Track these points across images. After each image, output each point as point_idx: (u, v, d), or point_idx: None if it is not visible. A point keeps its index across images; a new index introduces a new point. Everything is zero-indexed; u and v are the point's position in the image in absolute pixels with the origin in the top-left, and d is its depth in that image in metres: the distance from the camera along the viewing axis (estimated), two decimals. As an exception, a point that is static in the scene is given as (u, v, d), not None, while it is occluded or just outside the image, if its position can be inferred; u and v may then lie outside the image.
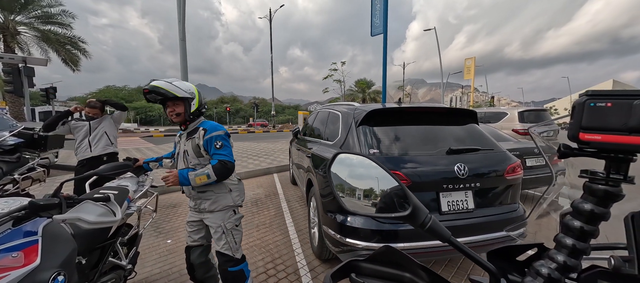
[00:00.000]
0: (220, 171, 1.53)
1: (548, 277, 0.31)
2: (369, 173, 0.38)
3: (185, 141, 1.64)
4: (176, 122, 1.59)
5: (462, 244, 0.34)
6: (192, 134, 1.62)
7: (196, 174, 1.51)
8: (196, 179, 1.51)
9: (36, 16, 13.94)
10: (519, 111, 6.81)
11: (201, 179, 1.50)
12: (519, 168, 2.16)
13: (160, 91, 1.46)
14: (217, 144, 1.56)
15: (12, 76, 7.45)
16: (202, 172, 1.52)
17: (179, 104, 1.55)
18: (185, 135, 1.65)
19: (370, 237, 1.86)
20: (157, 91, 1.46)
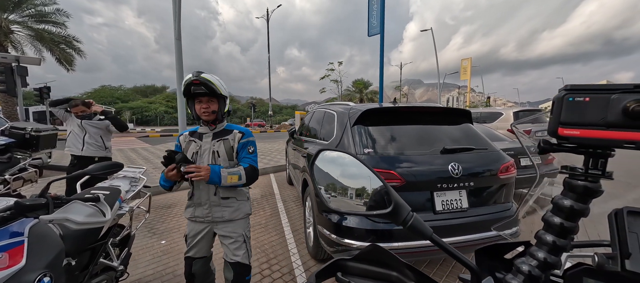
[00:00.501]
0: (250, 175, 1.48)
1: (528, 274, 0.31)
2: (352, 170, 0.38)
3: (212, 141, 1.52)
4: (206, 119, 1.48)
5: (443, 242, 0.34)
6: (222, 135, 1.53)
7: (229, 172, 1.41)
8: (228, 177, 1.40)
9: (30, 15, 13.77)
10: (514, 111, 6.87)
11: (232, 179, 1.41)
12: (512, 168, 2.18)
13: (209, 85, 1.38)
14: (250, 149, 1.54)
15: (4, 76, 7.34)
16: (235, 171, 1.43)
17: (214, 101, 1.47)
18: (210, 135, 1.53)
19: (365, 237, 1.86)
20: (207, 84, 1.37)
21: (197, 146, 1.51)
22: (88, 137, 3.07)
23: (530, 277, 0.31)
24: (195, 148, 1.51)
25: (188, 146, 1.53)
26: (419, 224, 0.34)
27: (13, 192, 2.83)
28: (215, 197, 1.51)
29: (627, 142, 0.24)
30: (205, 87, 1.38)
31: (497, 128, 5.77)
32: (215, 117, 1.49)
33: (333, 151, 0.40)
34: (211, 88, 1.39)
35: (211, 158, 1.49)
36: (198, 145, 1.51)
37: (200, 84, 1.37)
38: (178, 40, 5.32)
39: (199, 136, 1.54)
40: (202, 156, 1.50)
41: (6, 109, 12.59)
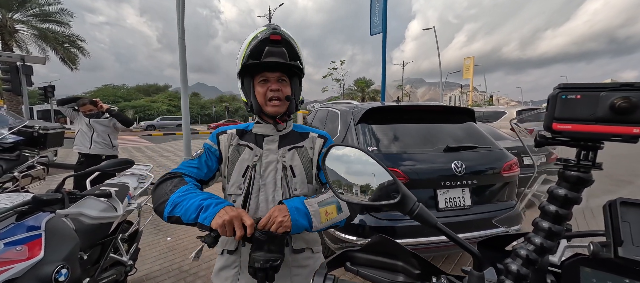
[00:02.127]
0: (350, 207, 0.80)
1: (526, 257, 0.33)
2: (361, 164, 0.40)
3: (281, 149, 0.92)
4: (273, 112, 0.88)
5: (448, 230, 0.37)
6: (295, 141, 0.94)
7: (321, 202, 0.77)
8: (322, 212, 0.76)
9: (34, 14, 13.91)
10: (517, 110, 6.86)
11: (329, 214, 0.76)
12: (515, 166, 2.19)
13: (292, 45, 0.84)
14: None
15: (10, 75, 7.43)
16: (329, 201, 0.78)
17: (287, 82, 0.90)
18: (275, 139, 0.92)
19: (369, 233, 1.89)
20: (289, 43, 0.84)
21: (254, 156, 0.90)
22: (96, 135, 3.13)
23: (528, 260, 0.33)
24: (252, 159, 0.90)
25: (236, 155, 0.91)
26: (425, 213, 0.36)
27: (22, 189, 2.88)
28: (285, 248, 0.80)
29: (614, 135, 0.27)
30: (287, 50, 0.84)
31: (500, 127, 5.77)
32: (287, 109, 0.90)
33: (343, 146, 0.43)
34: (294, 52, 0.85)
35: (281, 177, 0.89)
36: (255, 155, 0.90)
37: (281, 43, 0.83)
38: (182, 39, 5.35)
39: (256, 139, 0.93)
40: (264, 173, 0.89)
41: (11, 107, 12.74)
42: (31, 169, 3.14)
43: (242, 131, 0.96)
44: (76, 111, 3.18)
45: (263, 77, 0.87)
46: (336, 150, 0.42)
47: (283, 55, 0.84)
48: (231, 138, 0.94)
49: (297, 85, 0.93)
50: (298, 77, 0.94)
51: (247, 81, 0.90)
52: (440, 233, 0.37)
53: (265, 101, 0.87)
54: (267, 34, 0.80)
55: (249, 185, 0.88)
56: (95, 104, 3.16)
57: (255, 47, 0.81)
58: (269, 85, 0.86)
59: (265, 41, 0.81)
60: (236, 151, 0.92)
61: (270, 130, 0.92)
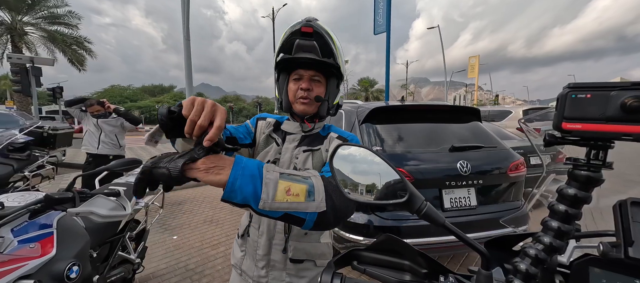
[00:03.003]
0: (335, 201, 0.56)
1: (535, 257, 0.33)
2: (368, 163, 0.41)
3: (297, 148, 0.87)
4: (301, 111, 0.84)
5: (456, 229, 0.37)
6: (313, 143, 0.88)
7: (288, 175, 0.54)
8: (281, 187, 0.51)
9: (43, 17, 14.17)
10: (523, 109, 6.78)
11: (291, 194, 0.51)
12: (522, 166, 2.17)
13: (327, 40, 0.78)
14: None
15: (20, 76, 7.59)
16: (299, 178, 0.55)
17: (322, 81, 0.84)
18: (297, 138, 0.89)
19: (374, 233, 1.89)
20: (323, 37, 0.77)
21: (277, 152, 0.88)
22: (104, 136, 3.18)
23: (537, 259, 0.33)
24: (274, 154, 0.88)
25: (263, 145, 0.91)
26: (433, 212, 0.36)
27: (32, 188, 2.95)
28: (281, 255, 0.84)
29: (624, 134, 0.27)
30: (319, 45, 0.78)
31: (506, 127, 5.71)
32: (317, 110, 0.85)
33: (350, 146, 0.43)
34: (327, 49, 0.79)
35: None
36: (279, 151, 0.88)
37: (312, 36, 0.77)
38: (187, 40, 5.41)
39: (283, 134, 0.91)
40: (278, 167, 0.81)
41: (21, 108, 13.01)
42: (41, 168, 3.22)
43: (278, 124, 0.94)
44: (84, 112, 3.24)
45: (297, 75, 0.83)
46: (343, 150, 0.42)
47: (314, 50, 0.78)
48: (267, 126, 0.93)
49: (333, 87, 0.86)
50: (336, 79, 0.87)
51: (283, 77, 0.86)
52: (448, 233, 0.37)
53: (295, 100, 0.83)
54: (299, 26, 0.76)
55: None
56: (103, 105, 3.21)
57: (287, 39, 0.79)
58: (301, 83, 0.82)
59: (296, 33, 0.77)
60: (265, 141, 0.91)
61: (295, 128, 0.89)
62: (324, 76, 0.84)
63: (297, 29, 0.76)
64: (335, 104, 0.89)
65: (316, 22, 0.78)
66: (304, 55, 0.78)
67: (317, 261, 0.87)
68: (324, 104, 0.84)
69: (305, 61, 0.79)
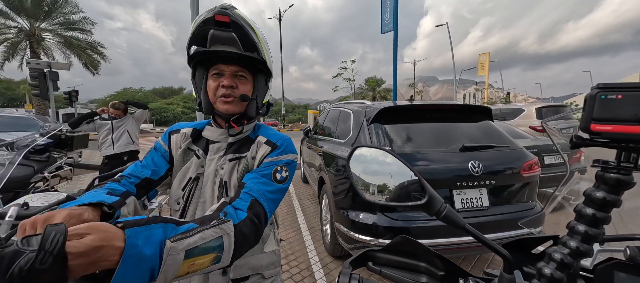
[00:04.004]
0: (243, 239, 0.54)
1: (561, 261, 0.33)
2: (386, 165, 0.41)
3: (222, 158, 0.77)
4: (224, 111, 0.73)
5: (476, 231, 0.36)
6: (239, 150, 0.78)
7: (195, 248, 0.44)
8: (185, 265, 0.43)
9: (59, 23, 14.70)
10: (536, 107, 6.59)
11: (196, 266, 0.45)
12: (536, 166, 2.12)
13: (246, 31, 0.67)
14: (278, 176, 0.71)
15: (38, 80, 7.89)
16: (208, 245, 0.47)
17: (247, 77, 0.75)
18: (223, 146, 0.78)
19: (383, 234, 1.87)
20: (242, 27, 0.67)
21: (199, 166, 0.77)
22: (117, 135, 3.29)
23: (562, 264, 0.32)
24: (196, 169, 0.77)
25: (181, 162, 0.78)
26: (452, 215, 0.36)
27: (51, 189, 3.06)
28: (221, 278, 0.75)
29: None
30: (238, 36, 0.67)
31: (518, 125, 5.57)
32: (243, 111, 0.75)
33: (367, 147, 0.43)
34: (249, 41, 0.68)
35: (216, 192, 0.75)
36: (201, 165, 0.77)
37: (229, 26, 0.66)
38: (196, 43, 5.52)
39: (205, 144, 0.79)
40: (204, 188, 0.76)
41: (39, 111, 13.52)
42: (59, 169, 3.33)
43: (198, 133, 0.81)
44: (93, 122, 3.33)
45: (216, 70, 0.72)
46: (360, 151, 0.42)
47: (233, 42, 0.67)
48: (183, 138, 0.80)
49: (262, 84, 0.77)
50: (264, 75, 0.77)
51: (199, 73, 0.75)
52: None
53: (216, 98, 0.72)
54: (212, 13, 0.64)
55: (187, 200, 0.74)
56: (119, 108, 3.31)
57: (198, 29, 0.66)
58: (222, 80, 0.71)
59: (209, 21, 0.64)
60: (183, 156, 0.78)
61: (219, 135, 0.78)
62: (249, 72, 0.74)
63: (210, 18, 0.64)
64: (266, 103, 0.81)
65: (233, 10, 0.66)
66: (223, 48, 0.68)
67: (264, 272, 0.80)
68: (252, 104, 0.75)
69: (226, 55, 0.69)
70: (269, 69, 0.76)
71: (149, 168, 0.77)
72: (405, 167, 0.39)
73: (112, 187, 0.66)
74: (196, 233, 0.46)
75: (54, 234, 0.29)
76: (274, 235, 0.85)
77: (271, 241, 0.83)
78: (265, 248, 0.81)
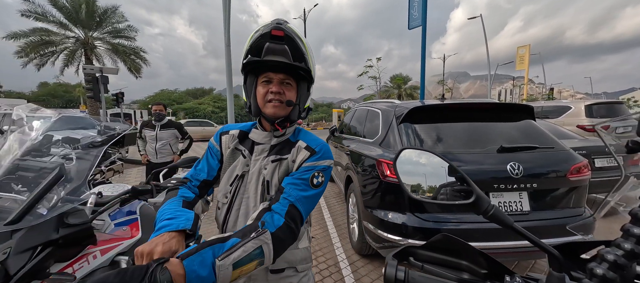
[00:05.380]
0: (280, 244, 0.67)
1: (614, 262, 0.33)
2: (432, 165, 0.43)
3: (266, 158, 0.84)
4: (272, 114, 0.79)
5: (525, 230, 0.38)
6: (281, 152, 0.85)
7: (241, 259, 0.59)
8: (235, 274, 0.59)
9: (108, 32, 16.31)
10: (586, 104, 5.96)
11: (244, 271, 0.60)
12: (585, 169, 1.95)
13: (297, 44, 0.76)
14: (315, 181, 0.77)
15: (91, 84, 8.86)
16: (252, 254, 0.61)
17: (293, 84, 0.82)
18: (266, 148, 0.85)
19: (412, 234, 1.86)
20: (293, 40, 0.75)
21: (245, 164, 0.85)
22: (160, 145, 3.44)
23: (616, 265, 0.33)
24: (242, 167, 0.85)
25: (230, 160, 0.87)
26: (500, 214, 0.38)
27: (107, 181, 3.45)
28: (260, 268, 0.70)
29: None
30: (289, 48, 0.75)
31: (564, 124, 5.09)
32: (288, 114, 0.82)
33: (414, 149, 0.46)
34: (299, 53, 0.76)
35: (259, 190, 0.82)
36: (247, 163, 0.85)
37: (283, 40, 0.74)
38: (228, 46, 5.80)
39: (251, 145, 0.87)
40: (248, 185, 0.83)
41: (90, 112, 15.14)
42: (113, 164, 3.75)
43: (244, 134, 0.90)
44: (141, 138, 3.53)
45: (266, 78, 0.80)
46: (406, 153, 0.45)
47: (285, 54, 0.75)
48: (231, 139, 0.89)
49: (304, 91, 0.85)
50: (306, 82, 0.85)
51: (250, 80, 0.83)
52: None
53: (265, 103, 0.80)
54: (268, 28, 0.73)
55: (233, 195, 0.84)
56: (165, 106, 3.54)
57: (255, 42, 0.75)
58: (270, 87, 0.79)
59: (266, 36, 0.74)
60: (231, 156, 0.88)
61: (264, 137, 0.86)
62: (294, 79, 0.82)
63: (267, 32, 0.73)
64: (306, 108, 0.87)
65: (287, 25, 0.75)
66: (275, 58, 0.76)
67: (298, 267, 0.87)
68: (295, 109, 0.83)
69: (275, 64, 0.76)
70: (312, 77, 0.84)
71: (204, 170, 0.90)
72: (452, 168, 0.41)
73: (185, 195, 0.83)
74: (239, 247, 0.59)
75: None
76: (307, 233, 0.92)
77: (304, 239, 0.90)
78: (299, 245, 0.88)
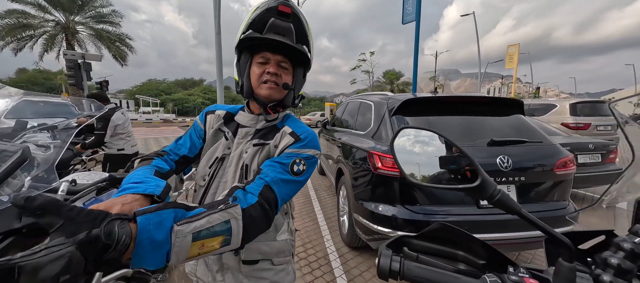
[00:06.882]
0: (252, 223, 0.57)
1: (631, 251, 0.30)
2: (433, 146, 0.39)
3: (248, 142, 0.79)
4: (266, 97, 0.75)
5: (532, 216, 0.35)
6: (265, 137, 0.80)
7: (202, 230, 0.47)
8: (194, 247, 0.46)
9: (91, 16, 15.54)
10: (571, 103, 6.14)
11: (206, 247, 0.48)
12: (571, 163, 1.99)
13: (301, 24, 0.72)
14: (295, 168, 0.71)
15: (73, 71, 8.45)
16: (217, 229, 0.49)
17: (289, 68, 0.77)
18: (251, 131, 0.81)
19: (403, 227, 1.85)
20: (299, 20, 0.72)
21: (226, 147, 0.81)
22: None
23: (633, 254, 0.30)
24: (223, 150, 0.80)
25: (211, 141, 0.83)
26: (507, 199, 0.35)
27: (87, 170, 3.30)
28: (233, 257, 0.78)
29: None
30: (295, 27, 0.72)
31: (549, 122, 5.24)
32: (282, 98, 0.78)
33: (414, 128, 0.42)
34: (303, 34, 0.74)
35: (237, 174, 0.77)
36: (229, 146, 0.81)
37: (289, 17, 0.70)
38: (218, 34, 5.62)
39: (235, 127, 0.83)
40: (228, 168, 0.78)
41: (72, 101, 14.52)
42: (95, 154, 3.59)
43: (231, 116, 0.85)
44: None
45: (262, 58, 0.74)
46: (405, 133, 0.41)
47: (290, 33, 0.71)
48: (216, 119, 0.84)
49: (300, 76, 0.80)
50: (303, 68, 0.81)
51: (245, 58, 0.76)
52: (525, 221, 0.35)
53: (259, 84, 0.74)
54: (276, 3, 0.68)
55: (211, 178, 0.79)
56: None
57: (259, 16, 0.69)
58: (267, 67, 0.74)
59: (272, 10, 0.68)
60: (214, 136, 0.83)
61: (249, 120, 0.81)
62: (291, 63, 0.77)
63: (274, 7, 0.68)
64: (300, 95, 0.83)
65: (293, 2, 0.71)
66: (277, 37, 0.70)
67: (274, 259, 0.82)
68: (290, 93, 0.78)
69: (278, 43, 0.71)
70: (309, 63, 0.80)
71: (186, 145, 0.83)
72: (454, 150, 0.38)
73: (158, 165, 0.73)
74: (203, 217, 0.48)
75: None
76: (288, 225, 0.87)
77: (284, 231, 0.85)
78: (278, 237, 0.82)
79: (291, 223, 0.89)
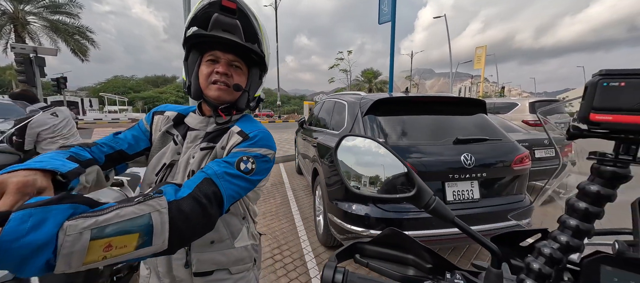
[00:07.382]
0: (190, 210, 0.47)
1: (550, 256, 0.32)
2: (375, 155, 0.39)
3: (197, 145, 0.73)
4: (216, 99, 0.70)
5: (465, 225, 0.35)
6: (217, 139, 0.73)
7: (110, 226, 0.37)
8: (96, 247, 0.35)
9: (44, 6, 14.10)
10: (530, 101, 6.66)
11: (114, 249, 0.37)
12: (526, 159, 2.14)
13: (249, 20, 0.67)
14: (242, 165, 0.62)
15: (24, 66, 7.62)
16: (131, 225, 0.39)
17: (242, 68, 0.72)
18: (200, 134, 0.74)
19: (375, 225, 1.89)
20: (246, 15, 0.66)
21: (176, 152, 0.74)
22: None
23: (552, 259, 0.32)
24: (172, 155, 0.73)
25: (158, 145, 0.76)
26: (441, 208, 0.35)
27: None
28: (184, 270, 0.73)
29: None
30: (242, 24, 0.68)
31: (512, 119, 5.63)
32: (234, 100, 0.73)
33: (355, 137, 0.41)
34: (252, 32, 0.68)
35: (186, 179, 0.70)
36: (178, 151, 0.74)
37: (234, 13, 0.65)
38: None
39: (185, 131, 0.76)
40: (176, 176, 0.72)
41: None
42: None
43: (181, 118, 0.78)
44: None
45: (212, 56, 0.69)
46: (348, 141, 0.40)
47: (236, 30, 0.67)
48: (165, 121, 0.77)
49: (256, 78, 0.75)
50: (259, 70, 0.76)
51: (193, 56, 0.71)
52: (458, 229, 0.35)
53: (208, 84, 0.69)
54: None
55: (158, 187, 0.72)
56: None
57: (201, 11, 0.64)
58: (216, 67, 0.68)
59: (215, 5, 0.63)
60: (161, 140, 0.75)
61: (199, 123, 0.75)
62: (245, 63, 0.72)
63: (217, 1, 0.63)
64: (257, 97, 0.77)
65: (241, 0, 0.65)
66: (224, 35, 0.65)
67: (231, 268, 0.75)
68: (243, 95, 0.73)
69: (225, 41, 0.65)
70: (265, 64, 0.75)
71: (126, 141, 0.73)
72: (396, 159, 0.37)
73: (77, 152, 0.60)
74: (111, 211, 0.38)
75: None
76: (247, 230, 0.81)
77: (243, 237, 0.79)
78: (236, 244, 0.76)
79: (252, 228, 0.84)
